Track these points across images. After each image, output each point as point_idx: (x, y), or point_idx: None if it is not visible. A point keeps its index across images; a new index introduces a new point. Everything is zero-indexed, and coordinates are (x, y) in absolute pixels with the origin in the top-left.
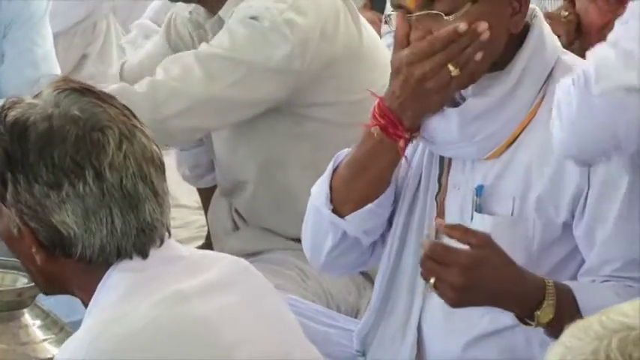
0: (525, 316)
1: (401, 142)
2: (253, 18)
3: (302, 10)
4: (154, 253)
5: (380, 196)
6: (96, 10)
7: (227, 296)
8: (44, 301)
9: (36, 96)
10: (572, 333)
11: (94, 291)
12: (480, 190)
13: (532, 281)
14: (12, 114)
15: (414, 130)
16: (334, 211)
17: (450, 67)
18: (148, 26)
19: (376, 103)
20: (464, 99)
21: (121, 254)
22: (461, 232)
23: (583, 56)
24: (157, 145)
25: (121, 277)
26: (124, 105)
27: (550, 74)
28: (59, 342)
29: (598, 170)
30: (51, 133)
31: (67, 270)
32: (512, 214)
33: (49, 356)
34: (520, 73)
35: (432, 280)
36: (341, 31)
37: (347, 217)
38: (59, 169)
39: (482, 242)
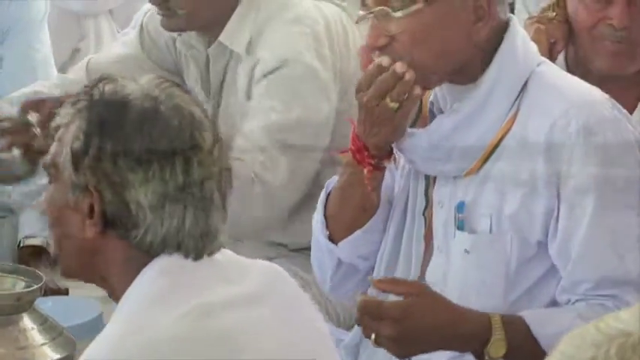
0: (478, 355)
1: (366, 170)
2: (281, 67)
3: (321, 40)
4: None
5: (368, 222)
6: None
7: (257, 309)
8: (42, 305)
9: (130, 80)
10: (569, 341)
11: (129, 282)
12: (461, 207)
13: (475, 320)
14: (111, 85)
15: (383, 157)
16: (331, 238)
17: (388, 99)
18: None
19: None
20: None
21: (180, 250)
22: (390, 284)
23: (576, 58)
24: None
25: (159, 276)
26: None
27: (524, 86)
28: (58, 346)
29: (567, 189)
30: (155, 114)
31: (112, 252)
32: (490, 232)
33: None
34: (490, 87)
35: (373, 337)
36: (351, 53)
37: (339, 244)
38: (154, 148)
39: (413, 291)
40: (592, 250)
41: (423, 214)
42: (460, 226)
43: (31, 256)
